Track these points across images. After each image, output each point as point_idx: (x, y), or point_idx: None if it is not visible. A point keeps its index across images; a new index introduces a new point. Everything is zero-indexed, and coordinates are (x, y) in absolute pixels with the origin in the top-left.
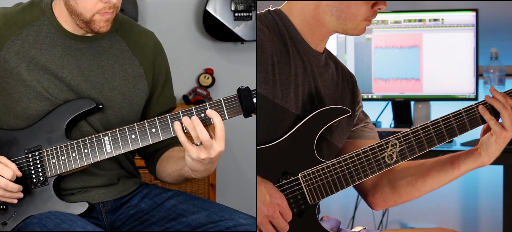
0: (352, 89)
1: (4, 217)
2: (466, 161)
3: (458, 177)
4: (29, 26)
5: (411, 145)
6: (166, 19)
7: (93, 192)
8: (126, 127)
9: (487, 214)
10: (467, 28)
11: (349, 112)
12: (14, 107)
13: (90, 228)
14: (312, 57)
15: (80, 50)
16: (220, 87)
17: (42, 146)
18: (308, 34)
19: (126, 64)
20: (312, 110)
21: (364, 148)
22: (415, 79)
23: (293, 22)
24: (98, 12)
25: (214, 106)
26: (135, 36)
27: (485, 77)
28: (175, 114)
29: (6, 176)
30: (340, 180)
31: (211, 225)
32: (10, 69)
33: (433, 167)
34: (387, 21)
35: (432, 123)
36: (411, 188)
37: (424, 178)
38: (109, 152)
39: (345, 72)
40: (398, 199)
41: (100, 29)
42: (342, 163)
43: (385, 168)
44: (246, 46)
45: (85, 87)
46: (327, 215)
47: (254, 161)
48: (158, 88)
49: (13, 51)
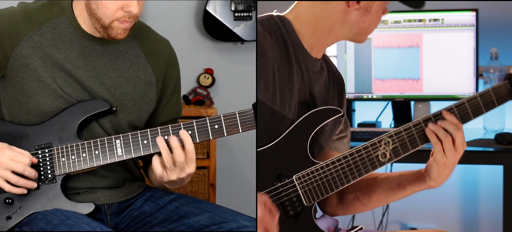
0: (340, 93)
1: (9, 211)
2: (412, 184)
3: (405, 197)
4: (48, 23)
5: (404, 143)
6: (166, 19)
7: (99, 193)
8: (139, 132)
9: (487, 214)
10: (467, 28)
11: (341, 112)
12: (27, 103)
13: (96, 225)
14: (310, 64)
15: (96, 52)
16: (220, 87)
17: (53, 143)
18: (315, 45)
19: (140, 71)
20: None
21: (357, 147)
22: (415, 79)
23: (297, 29)
24: (117, 19)
25: (229, 119)
26: (151, 43)
27: (485, 77)
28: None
29: (23, 161)
30: (335, 180)
31: (214, 227)
32: (26, 64)
33: (381, 185)
34: (387, 21)
35: (424, 119)
36: (358, 203)
37: (370, 195)
38: (120, 155)
39: (335, 76)
40: (345, 210)
41: (117, 36)
42: (336, 163)
43: (379, 166)
44: (246, 46)
45: (99, 89)
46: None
47: (254, 162)
48: (165, 97)
49: (30, 47)
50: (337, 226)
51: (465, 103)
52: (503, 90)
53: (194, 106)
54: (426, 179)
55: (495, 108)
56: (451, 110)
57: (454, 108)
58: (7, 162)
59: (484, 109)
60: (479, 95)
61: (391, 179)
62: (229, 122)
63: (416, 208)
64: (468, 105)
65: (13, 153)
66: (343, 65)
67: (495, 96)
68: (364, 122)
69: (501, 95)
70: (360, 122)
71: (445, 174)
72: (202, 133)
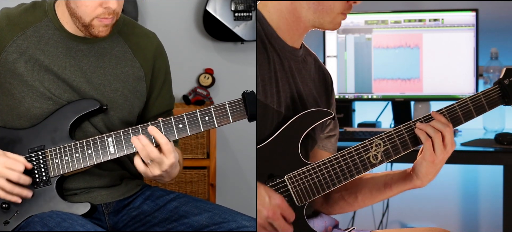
0: (327, 89)
1: (6, 216)
2: (398, 183)
3: (391, 196)
4: (32, 26)
5: (395, 145)
6: (166, 19)
7: (95, 193)
8: (130, 128)
9: (487, 214)
10: (467, 28)
11: (332, 115)
12: (17, 108)
13: (90, 227)
14: (289, 53)
15: (82, 52)
16: (220, 87)
17: (46, 145)
18: (286, 30)
19: (128, 66)
20: (292, 106)
21: (348, 148)
22: (415, 79)
23: (268, 19)
24: (97, 17)
25: (219, 110)
26: (137, 38)
27: (485, 77)
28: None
29: (18, 169)
30: (326, 180)
31: (213, 227)
32: (13, 70)
33: (367, 185)
34: (387, 21)
35: (414, 121)
36: (344, 202)
37: (356, 195)
38: (113, 153)
39: (322, 71)
40: (331, 210)
41: (99, 34)
42: (328, 164)
43: (371, 168)
44: (246, 46)
45: (87, 88)
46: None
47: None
48: (155, 90)
49: (15, 52)
50: (336, 225)
51: (455, 107)
52: (493, 95)
53: (194, 106)
54: (413, 178)
55: (486, 112)
56: (441, 111)
57: (444, 111)
58: (2, 170)
59: (475, 113)
60: (469, 99)
61: (377, 179)
62: (219, 112)
63: (416, 208)
64: (459, 109)
65: (7, 160)
66: (343, 65)
67: (485, 101)
68: (364, 122)
69: (491, 100)
70: (360, 122)
71: (432, 172)
72: (192, 125)
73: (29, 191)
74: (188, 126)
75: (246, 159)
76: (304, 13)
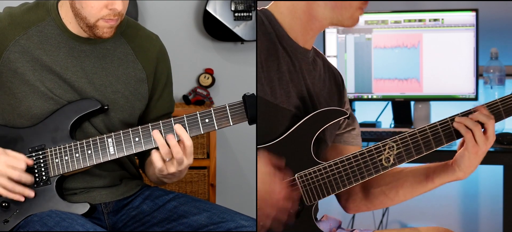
0: (339, 88)
1: (6, 215)
2: (440, 175)
3: (432, 189)
4: (34, 26)
5: (409, 148)
6: (166, 19)
7: (95, 193)
8: (130, 129)
9: (487, 214)
10: (467, 28)
11: (346, 114)
12: (19, 107)
13: (89, 226)
14: (300, 54)
15: (85, 53)
16: (220, 87)
17: (46, 145)
18: (299, 31)
19: (130, 68)
20: (302, 106)
21: (361, 150)
22: (415, 79)
23: (280, 20)
24: (102, 18)
25: (219, 112)
26: (140, 40)
27: (485, 77)
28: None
29: (19, 167)
30: (337, 181)
31: (212, 227)
32: (15, 69)
33: (408, 178)
34: (387, 21)
35: (430, 126)
36: (384, 197)
37: (397, 189)
38: (113, 154)
39: (331, 70)
40: (370, 206)
41: (103, 35)
42: (339, 164)
43: (382, 171)
44: (246, 46)
45: (89, 89)
46: (327, 214)
47: (254, 161)
48: (156, 93)
49: (17, 51)
50: (339, 225)
51: (497, 103)
52: None
53: (194, 106)
54: (455, 170)
55: None
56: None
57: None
58: (3, 168)
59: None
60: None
61: (418, 172)
62: (220, 115)
63: (416, 208)
64: (501, 105)
65: (8, 158)
66: (343, 65)
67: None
68: (364, 122)
69: None
70: (360, 122)
71: (475, 164)
72: (193, 128)
73: (31, 191)
74: (188, 128)
75: (246, 159)
76: (320, 11)
